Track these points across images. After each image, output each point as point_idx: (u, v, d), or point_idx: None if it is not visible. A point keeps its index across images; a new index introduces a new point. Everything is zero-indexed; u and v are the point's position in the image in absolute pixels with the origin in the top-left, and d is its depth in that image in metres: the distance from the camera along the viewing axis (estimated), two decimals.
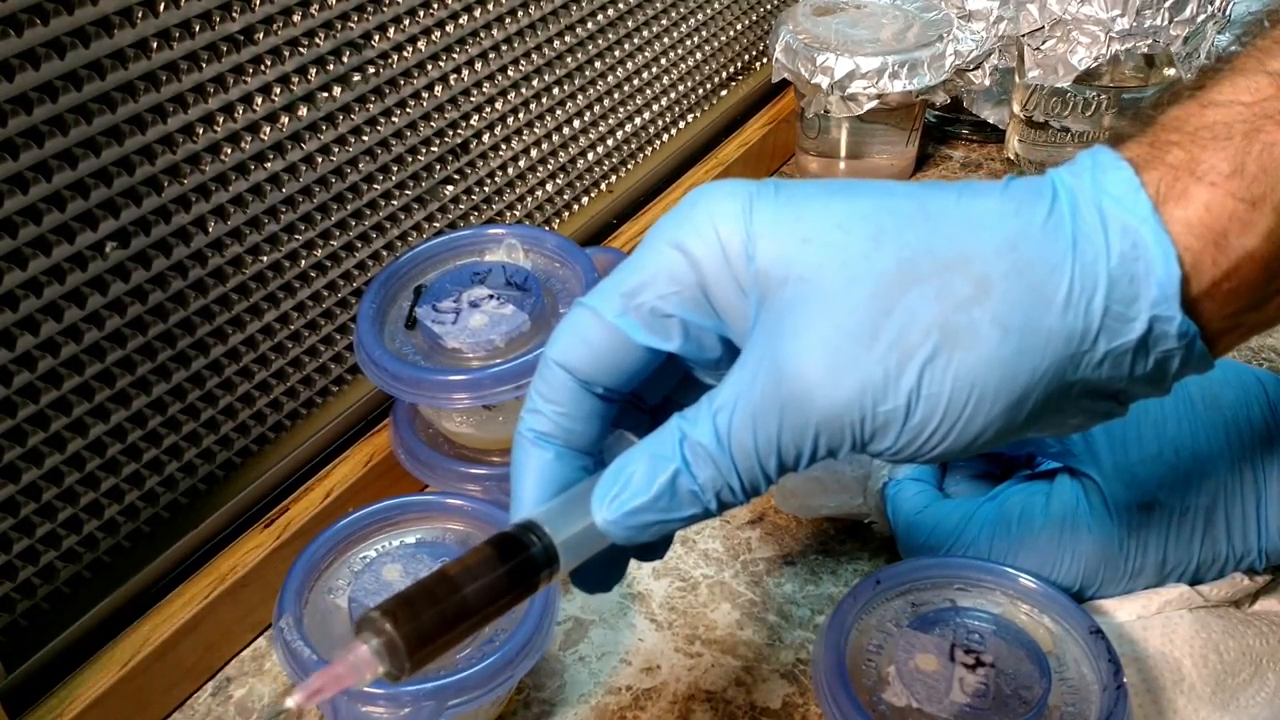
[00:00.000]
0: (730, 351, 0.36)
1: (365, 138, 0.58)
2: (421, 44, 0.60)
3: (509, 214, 0.69)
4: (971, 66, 0.79)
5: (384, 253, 0.61)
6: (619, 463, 0.35)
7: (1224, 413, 0.48)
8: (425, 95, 0.61)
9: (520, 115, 0.68)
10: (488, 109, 0.66)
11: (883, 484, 0.54)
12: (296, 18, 0.53)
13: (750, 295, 0.34)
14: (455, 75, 0.63)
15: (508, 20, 0.65)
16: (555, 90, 0.70)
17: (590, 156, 0.75)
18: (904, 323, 0.32)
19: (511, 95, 0.67)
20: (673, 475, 0.34)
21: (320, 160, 0.56)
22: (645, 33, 0.77)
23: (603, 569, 0.39)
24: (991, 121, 0.86)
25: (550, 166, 0.72)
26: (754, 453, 0.34)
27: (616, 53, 0.74)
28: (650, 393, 0.39)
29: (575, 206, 0.75)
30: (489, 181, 0.67)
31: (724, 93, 0.87)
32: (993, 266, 0.32)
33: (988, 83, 0.80)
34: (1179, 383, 0.43)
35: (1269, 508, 0.48)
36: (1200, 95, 0.34)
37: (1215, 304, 0.33)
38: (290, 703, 0.31)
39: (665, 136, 0.81)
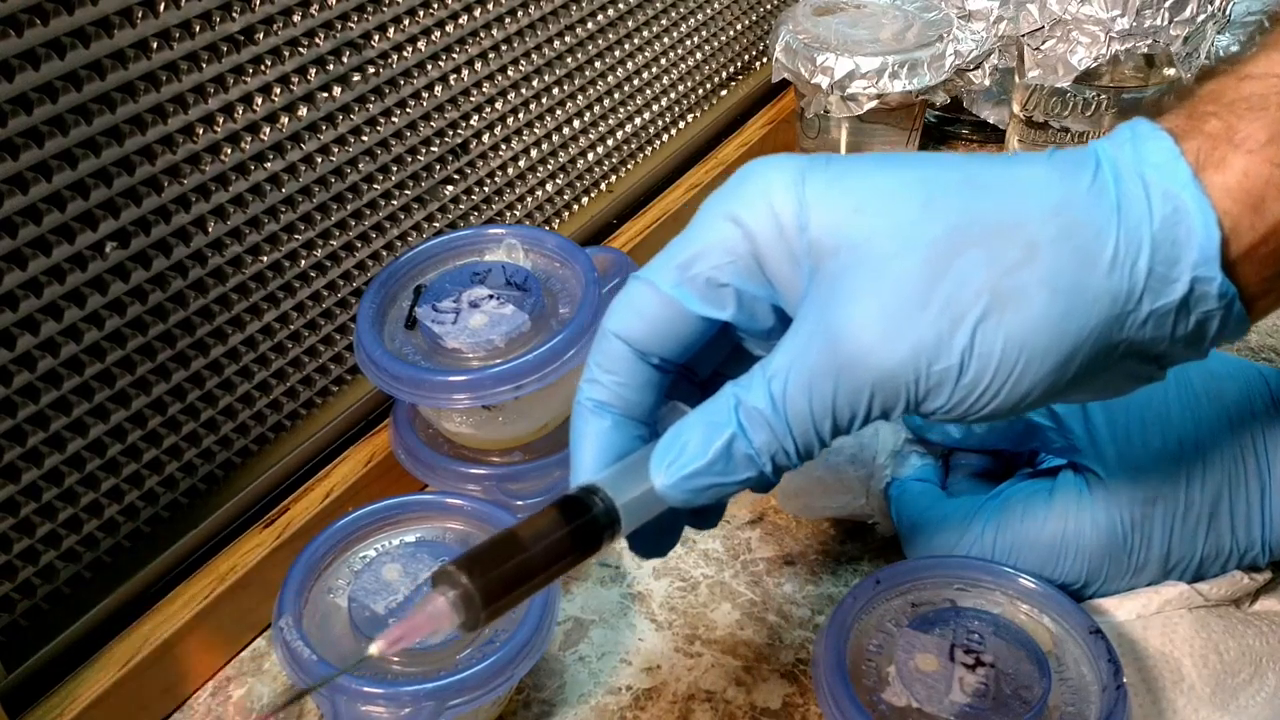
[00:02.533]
0: (782, 322, 0.38)
1: (365, 138, 0.58)
2: (421, 44, 0.60)
3: (509, 214, 0.69)
4: (971, 66, 0.79)
5: (384, 253, 0.61)
6: (675, 429, 0.37)
7: (1228, 406, 0.48)
8: (425, 95, 0.61)
9: (520, 115, 0.68)
10: (488, 109, 0.66)
11: (885, 484, 0.54)
12: (296, 18, 0.53)
13: (803, 265, 0.35)
14: (455, 75, 0.63)
15: (507, 20, 0.65)
16: (555, 90, 0.70)
17: (590, 156, 0.75)
18: (956, 286, 0.33)
19: (511, 95, 0.67)
20: (728, 440, 0.35)
21: (320, 160, 0.56)
22: (645, 33, 0.77)
23: (659, 533, 0.40)
24: (991, 121, 0.86)
25: (550, 166, 0.72)
26: (809, 416, 0.35)
27: (616, 53, 0.74)
28: (702, 365, 0.41)
29: (575, 206, 0.75)
30: (489, 181, 0.67)
31: (724, 93, 0.87)
32: (1040, 231, 0.34)
33: (988, 83, 0.80)
34: (1182, 377, 0.44)
35: (1273, 501, 0.48)
36: (1237, 69, 0.35)
37: (1253, 267, 0.34)
38: (373, 649, 0.33)
39: (665, 136, 0.81)
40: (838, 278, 0.35)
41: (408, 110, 0.60)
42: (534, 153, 0.70)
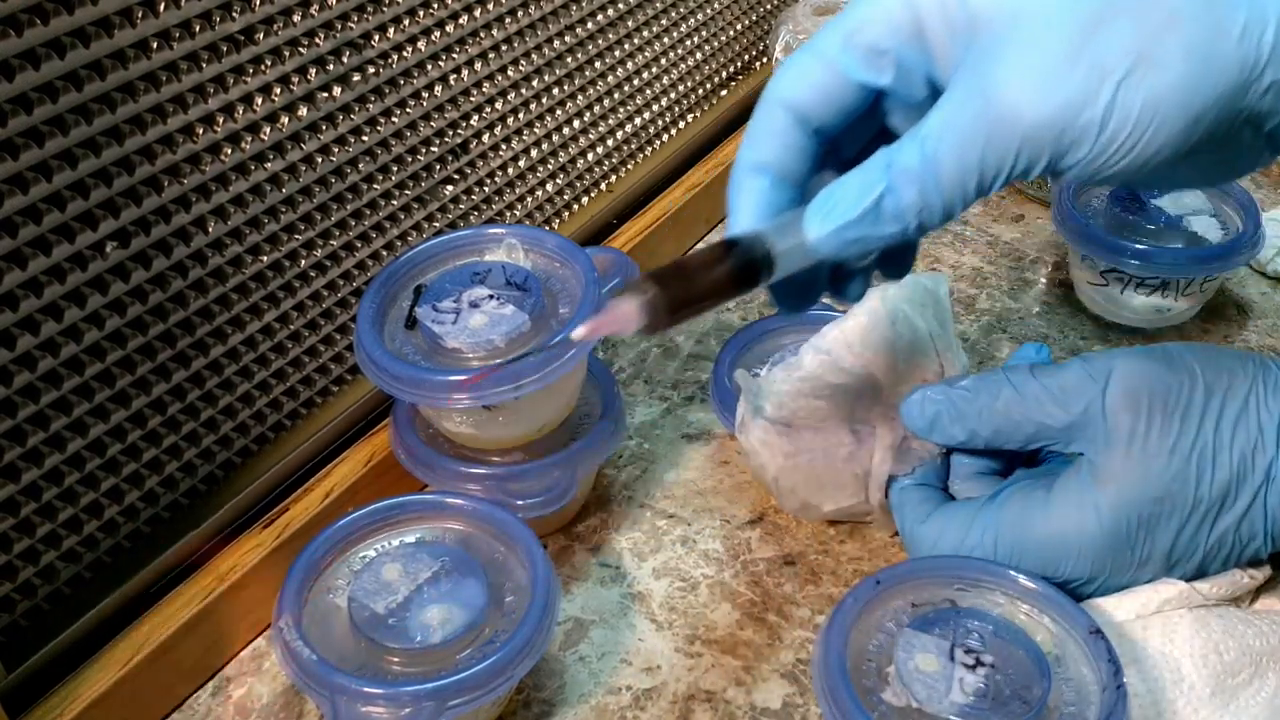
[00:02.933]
0: (933, 96, 0.41)
1: (365, 138, 0.58)
2: (421, 44, 0.60)
3: (509, 214, 0.69)
4: None
5: (384, 253, 0.61)
6: (829, 188, 0.41)
7: (1238, 401, 0.48)
8: (425, 95, 0.61)
9: (520, 115, 0.68)
10: (488, 109, 0.66)
11: (884, 482, 0.54)
12: (296, 18, 0.53)
13: (960, 35, 0.39)
14: (455, 75, 0.63)
15: (507, 20, 0.65)
16: (555, 90, 0.70)
17: (590, 156, 0.75)
18: (1103, 48, 0.37)
19: (511, 95, 0.67)
20: (879, 196, 0.40)
21: (320, 160, 0.56)
22: (645, 33, 0.77)
23: (802, 289, 0.46)
24: None
25: (550, 166, 0.72)
26: (957, 173, 0.39)
27: (616, 53, 0.74)
28: (849, 144, 0.45)
29: (575, 206, 0.75)
30: (489, 181, 0.67)
31: (724, 93, 0.87)
32: (1182, 2, 0.38)
33: None
34: (1193, 372, 0.47)
35: (1274, 493, 0.48)
36: None
37: None
38: (574, 334, 0.40)
39: (665, 136, 0.81)
40: (994, 44, 0.38)
41: (408, 110, 0.60)
42: (534, 153, 0.70)
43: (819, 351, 0.54)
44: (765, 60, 0.90)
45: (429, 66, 0.61)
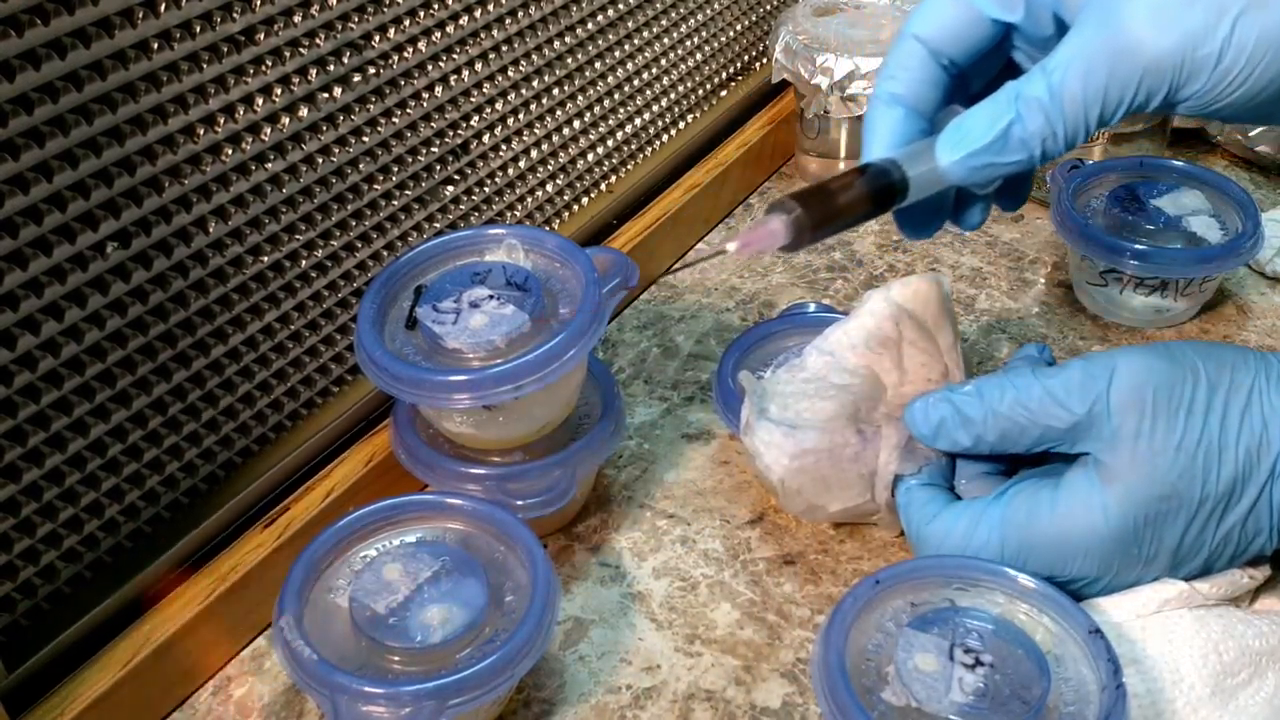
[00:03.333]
0: (1059, 33, 0.46)
1: (365, 138, 0.58)
2: (422, 45, 0.60)
3: (509, 214, 0.70)
4: None
5: (384, 253, 0.61)
6: (961, 118, 0.46)
7: (1241, 396, 0.48)
8: (425, 96, 0.61)
9: (520, 116, 0.68)
10: (488, 110, 0.66)
11: (890, 481, 0.54)
12: (297, 18, 0.53)
13: None
14: (455, 76, 0.63)
15: (508, 21, 0.65)
16: (555, 91, 0.70)
17: (590, 157, 0.75)
18: None
19: (512, 96, 0.67)
20: (1007, 125, 0.44)
21: (320, 161, 0.56)
22: (645, 33, 0.77)
23: (925, 215, 0.51)
24: None
25: (550, 167, 0.72)
26: (1081, 102, 0.43)
27: (616, 53, 0.75)
28: (977, 78, 0.50)
29: (575, 207, 0.75)
30: (489, 182, 0.67)
31: (724, 93, 0.87)
32: None
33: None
34: (1197, 370, 0.48)
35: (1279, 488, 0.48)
36: None
37: None
38: (730, 247, 0.44)
39: (665, 137, 0.82)
40: None
41: (408, 111, 0.60)
42: (534, 153, 0.70)
43: (822, 353, 0.54)
44: (765, 61, 0.90)
45: (429, 67, 0.61)
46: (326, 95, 0.56)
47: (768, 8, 0.89)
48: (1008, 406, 0.50)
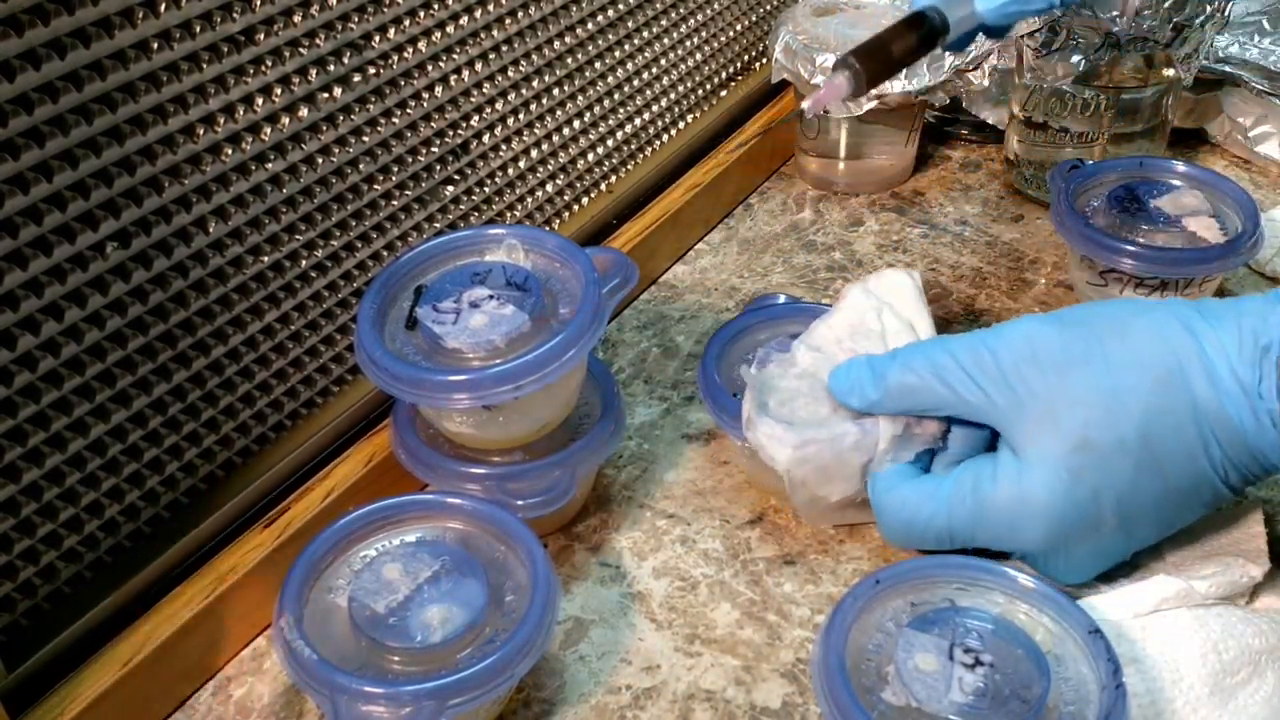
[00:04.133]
0: None
1: (365, 138, 0.58)
2: (422, 45, 0.60)
3: (509, 214, 0.70)
4: (971, 67, 0.79)
5: (384, 253, 0.61)
6: None
7: (1133, 342, 0.49)
8: (425, 96, 0.61)
9: (520, 116, 0.68)
10: (488, 110, 0.66)
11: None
12: (297, 18, 0.53)
13: None
14: (455, 76, 0.63)
15: (508, 21, 0.65)
16: (555, 91, 0.70)
17: (590, 157, 0.75)
18: None
19: (512, 96, 0.67)
20: None
21: (320, 161, 0.56)
22: (645, 33, 0.77)
23: (961, 44, 0.60)
24: (991, 122, 0.86)
25: (550, 167, 0.72)
26: None
27: (616, 53, 0.75)
28: None
29: (575, 207, 0.75)
30: (489, 182, 0.67)
31: (724, 93, 0.87)
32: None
33: (987, 83, 0.80)
34: (1084, 325, 0.49)
35: (1215, 420, 0.48)
36: None
37: None
38: (805, 106, 0.56)
39: (665, 137, 0.82)
40: None
41: (408, 111, 0.60)
42: (534, 153, 0.70)
43: (810, 348, 0.56)
44: (765, 60, 0.90)
45: (429, 67, 0.61)
46: (326, 95, 0.56)
47: (768, 8, 0.89)
48: (915, 371, 0.51)
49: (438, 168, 0.63)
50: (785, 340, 0.60)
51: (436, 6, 0.60)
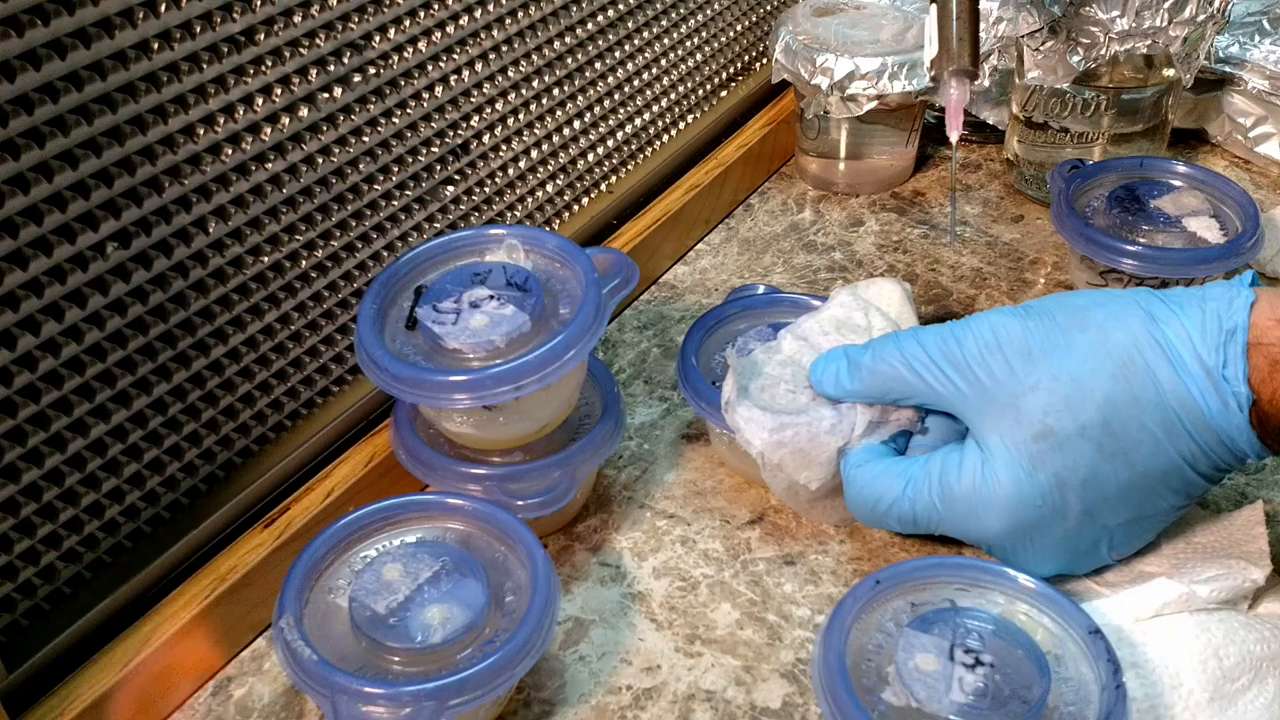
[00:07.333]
0: None
1: (366, 138, 0.58)
2: (422, 45, 0.60)
3: (509, 215, 0.70)
4: None
5: (384, 253, 0.61)
6: None
7: (1095, 331, 0.49)
8: (426, 96, 0.61)
9: (521, 116, 0.68)
10: (488, 110, 0.66)
11: None
12: (297, 19, 0.53)
13: None
14: (456, 76, 0.63)
15: (508, 21, 0.65)
16: (556, 91, 0.70)
17: (590, 157, 0.75)
18: None
19: (512, 96, 0.67)
20: None
21: (321, 161, 0.56)
22: (645, 34, 0.77)
23: None
24: (991, 122, 0.86)
25: (551, 167, 0.72)
26: None
27: (617, 54, 0.75)
28: None
29: (576, 207, 0.75)
30: (489, 182, 0.67)
31: (724, 94, 0.87)
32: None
33: (987, 83, 0.80)
34: (1047, 315, 0.49)
35: (1180, 404, 0.47)
36: None
37: None
38: (953, 137, 0.65)
39: (665, 137, 0.82)
40: None
41: (408, 111, 0.60)
42: (534, 153, 0.70)
43: (796, 337, 0.58)
44: (765, 61, 0.90)
45: (429, 67, 0.61)
46: (326, 95, 0.56)
47: (768, 8, 0.89)
48: (887, 361, 0.52)
49: (438, 168, 0.63)
50: (766, 329, 0.61)
51: (436, 7, 0.60)
